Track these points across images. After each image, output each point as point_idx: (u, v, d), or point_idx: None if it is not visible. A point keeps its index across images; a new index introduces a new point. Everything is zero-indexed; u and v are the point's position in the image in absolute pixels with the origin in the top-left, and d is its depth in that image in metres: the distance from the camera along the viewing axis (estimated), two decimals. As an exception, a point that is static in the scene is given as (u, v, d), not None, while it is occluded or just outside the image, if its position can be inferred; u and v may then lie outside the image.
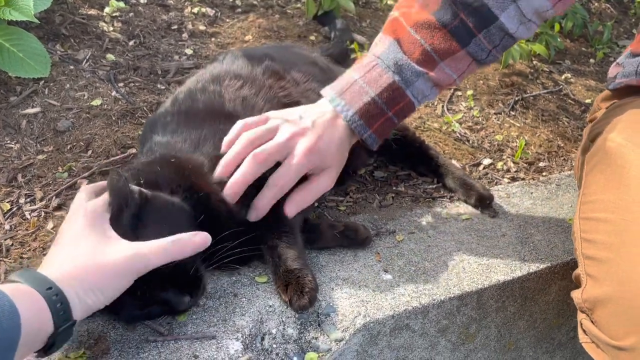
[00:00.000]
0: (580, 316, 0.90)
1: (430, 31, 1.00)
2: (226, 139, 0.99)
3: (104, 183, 0.91)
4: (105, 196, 0.83)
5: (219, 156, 0.97)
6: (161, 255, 0.77)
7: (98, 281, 0.73)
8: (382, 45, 1.03)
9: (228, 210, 0.93)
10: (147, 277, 0.78)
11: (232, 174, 0.94)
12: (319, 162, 0.98)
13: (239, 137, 0.97)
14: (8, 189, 1.09)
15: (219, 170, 0.95)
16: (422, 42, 1.00)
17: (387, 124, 1.03)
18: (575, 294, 0.91)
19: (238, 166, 0.95)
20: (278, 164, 0.97)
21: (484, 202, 1.19)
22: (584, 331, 0.88)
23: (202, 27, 1.69)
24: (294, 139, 0.97)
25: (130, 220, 0.81)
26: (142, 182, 0.88)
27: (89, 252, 0.74)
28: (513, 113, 1.60)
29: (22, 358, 0.66)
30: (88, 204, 0.81)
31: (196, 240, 0.81)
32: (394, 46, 1.01)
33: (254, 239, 0.93)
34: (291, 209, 0.97)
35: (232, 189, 0.93)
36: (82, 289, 0.71)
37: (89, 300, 0.72)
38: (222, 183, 0.94)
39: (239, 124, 0.99)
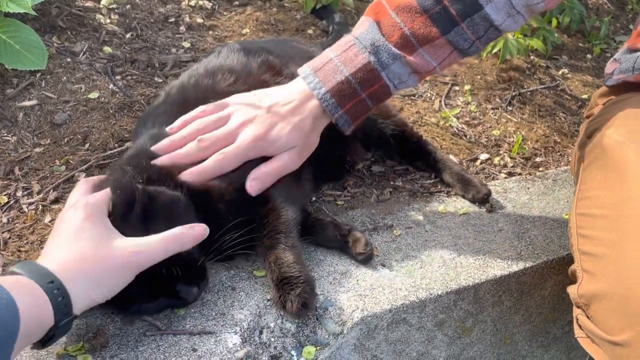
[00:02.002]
0: (576, 311, 0.90)
1: (411, 15, 0.98)
2: (181, 119, 1.00)
3: (102, 177, 0.92)
4: (107, 191, 0.83)
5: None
6: (163, 249, 0.78)
7: (101, 275, 0.73)
8: (362, 27, 1.02)
9: (225, 203, 0.93)
10: (157, 269, 0.79)
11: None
12: (266, 149, 0.98)
13: (193, 121, 1.00)
14: (5, 182, 1.09)
15: (161, 145, 0.97)
16: (402, 25, 0.99)
17: (360, 106, 1.01)
18: (571, 290, 0.92)
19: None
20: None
21: (482, 198, 1.20)
22: (580, 326, 0.89)
23: (199, 20, 1.69)
24: (242, 126, 0.98)
25: (137, 217, 0.82)
26: (144, 178, 0.89)
27: (91, 246, 0.74)
28: (510, 108, 1.61)
29: (21, 349, 0.66)
30: (88, 198, 0.81)
31: (195, 232, 0.82)
32: (373, 27, 1.00)
33: (252, 231, 0.94)
34: (253, 185, 0.95)
35: (170, 159, 0.95)
36: (85, 282, 0.72)
37: (92, 294, 0.72)
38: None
39: (198, 109, 1.01)
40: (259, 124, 0.98)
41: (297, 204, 0.99)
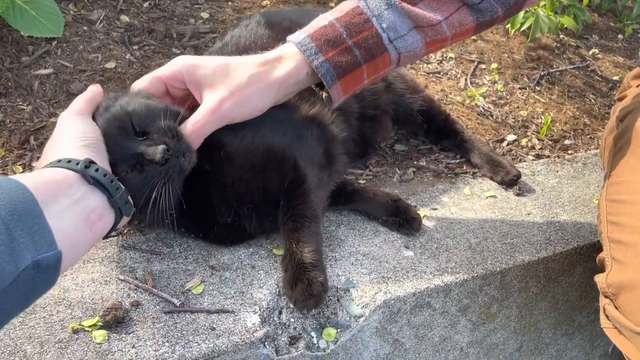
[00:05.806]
0: (603, 301, 0.87)
1: None
2: None
3: None
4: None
5: None
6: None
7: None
8: None
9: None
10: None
11: None
12: (192, 73, 0.87)
13: None
14: (20, 152, 1.06)
15: None
16: None
17: (346, 56, 0.85)
18: (599, 278, 0.88)
19: None
20: None
21: (511, 180, 1.15)
22: (607, 316, 0.85)
23: (218, -9, 1.64)
24: None
25: None
26: None
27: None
28: (538, 88, 1.55)
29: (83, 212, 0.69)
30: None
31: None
32: None
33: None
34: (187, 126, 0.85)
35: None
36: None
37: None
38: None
39: None
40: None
41: (326, 190, 0.96)
